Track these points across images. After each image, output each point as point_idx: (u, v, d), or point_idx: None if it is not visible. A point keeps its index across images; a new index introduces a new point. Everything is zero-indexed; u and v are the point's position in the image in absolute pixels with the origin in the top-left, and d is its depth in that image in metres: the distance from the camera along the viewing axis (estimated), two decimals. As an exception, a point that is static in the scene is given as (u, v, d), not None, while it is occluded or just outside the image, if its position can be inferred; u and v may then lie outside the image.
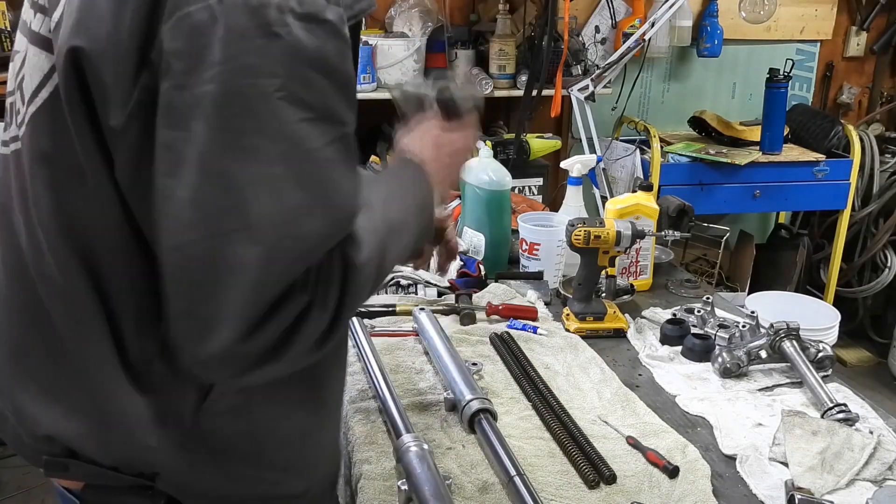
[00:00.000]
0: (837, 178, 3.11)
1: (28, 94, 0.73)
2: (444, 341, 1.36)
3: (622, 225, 1.47)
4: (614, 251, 1.48)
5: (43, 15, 0.73)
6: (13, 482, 2.65)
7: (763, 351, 1.37)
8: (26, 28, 0.77)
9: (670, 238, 1.56)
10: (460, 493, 1.04)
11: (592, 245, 1.46)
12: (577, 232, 1.46)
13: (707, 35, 3.28)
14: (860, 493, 1.06)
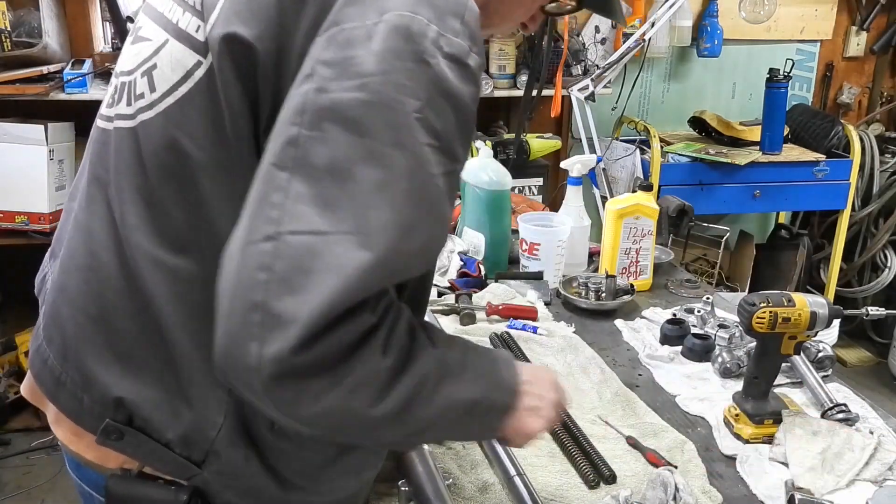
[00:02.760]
0: (837, 178, 3.11)
1: (163, 86, 0.77)
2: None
3: (816, 303, 1.17)
4: (804, 336, 1.19)
5: (197, 19, 0.76)
6: (13, 482, 2.65)
7: (763, 351, 1.36)
8: (167, 21, 0.80)
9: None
10: (460, 493, 1.04)
11: (779, 330, 1.16)
12: (761, 314, 1.14)
13: (707, 35, 3.28)
14: (860, 494, 1.06)
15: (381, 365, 0.66)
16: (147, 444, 0.82)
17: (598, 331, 1.58)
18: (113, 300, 0.82)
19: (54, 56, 2.77)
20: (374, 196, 0.64)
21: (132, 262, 0.80)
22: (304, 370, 0.63)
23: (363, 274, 0.63)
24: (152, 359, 0.82)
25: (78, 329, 0.85)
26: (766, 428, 1.18)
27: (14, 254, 2.82)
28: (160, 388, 0.81)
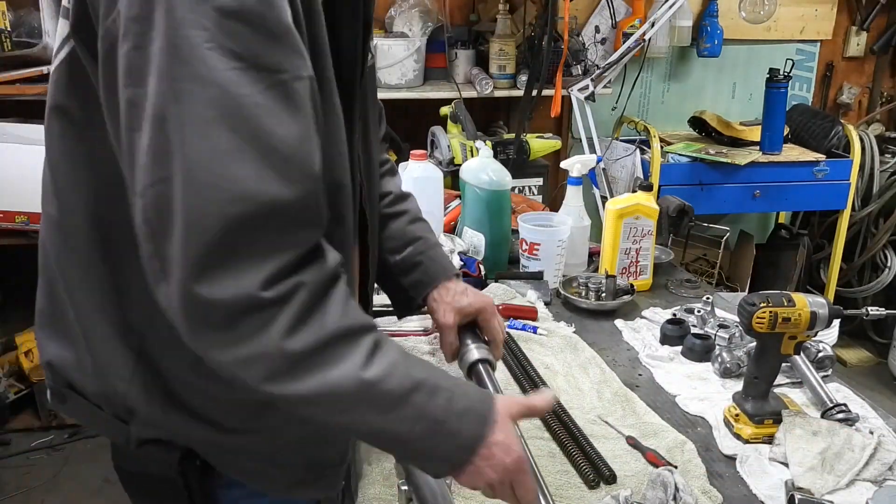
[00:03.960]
0: (837, 178, 3.11)
1: (54, 58, 0.82)
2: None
3: (816, 303, 1.17)
4: (804, 336, 1.19)
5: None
6: (13, 482, 2.65)
7: (763, 351, 1.36)
8: (61, 8, 0.83)
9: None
10: (460, 493, 1.04)
11: (779, 329, 1.17)
12: (761, 314, 1.15)
13: (707, 35, 3.28)
14: (860, 494, 1.06)
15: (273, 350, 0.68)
16: (83, 406, 0.88)
17: (598, 331, 1.58)
18: (40, 270, 0.90)
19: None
20: (185, 131, 0.65)
21: (40, 226, 0.89)
22: (202, 312, 0.67)
23: (202, 208, 0.65)
24: (63, 319, 0.87)
25: (37, 303, 0.93)
26: (766, 428, 1.18)
27: (14, 254, 2.82)
28: (73, 347, 0.87)
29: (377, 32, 2.98)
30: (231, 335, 0.68)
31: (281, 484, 0.93)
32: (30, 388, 2.91)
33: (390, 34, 2.93)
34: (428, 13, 2.96)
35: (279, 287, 0.68)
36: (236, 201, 0.65)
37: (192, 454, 0.88)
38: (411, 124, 2.90)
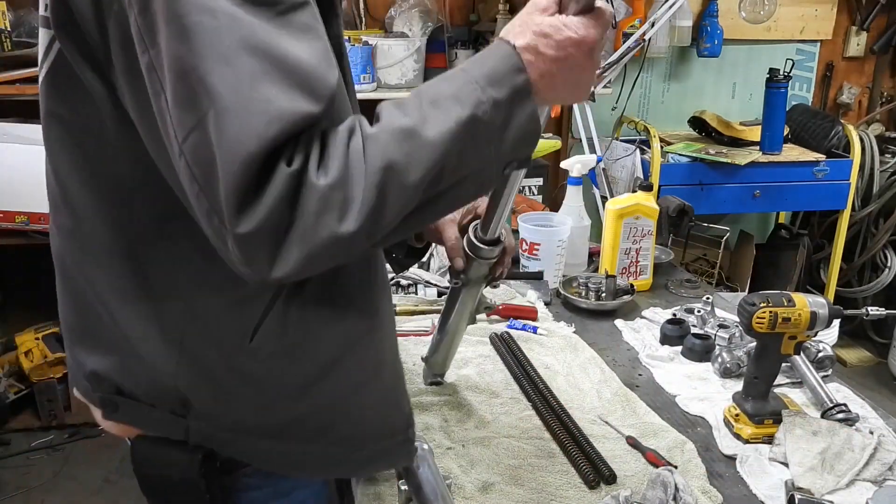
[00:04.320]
0: (837, 178, 3.11)
1: (39, 68, 0.81)
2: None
3: (816, 303, 1.17)
4: (804, 336, 1.19)
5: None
6: (13, 482, 2.65)
7: (763, 351, 1.36)
8: (40, 18, 0.82)
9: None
10: (460, 493, 1.05)
11: (779, 329, 1.17)
12: (761, 314, 1.15)
13: (707, 35, 3.28)
14: (860, 494, 1.06)
15: (327, 197, 0.65)
16: (137, 409, 0.88)
17: (598, 331, 1.58)
18: (61, 285, 0.91)
19: (54, 56, 2.77)
20: (205, 64, 0.64)
21: (53, 239, 0.89)
22: (260, 237, 0.64)
23: (240, 135, 0.63)
24: (98, 328, 0.87)
25: (62, 320, 0.93)
26: (766, 428, 1.18)
27: (14, 254, 2.82)
28: (115, 353, 0.86)
29: (377, 32, 2.97)
30: (288, 230, 0.65)
31: (342, 464, 0.93)
32: (30, 388, 2.91)
33: (390, 34, 2.93)
34: (428, 13, 2.95)
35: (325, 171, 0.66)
36: (273, 122, 0.63)
37: (214, 455, 0.88)
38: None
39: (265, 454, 0.90)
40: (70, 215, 0.84)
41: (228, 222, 0.64)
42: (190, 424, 0.87)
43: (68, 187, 0.83)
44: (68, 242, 0.87)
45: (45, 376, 2.88)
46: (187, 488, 0.89)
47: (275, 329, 0.82)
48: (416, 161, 0.67)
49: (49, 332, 2.92)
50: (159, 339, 0.84)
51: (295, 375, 0.86)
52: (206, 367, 0.84)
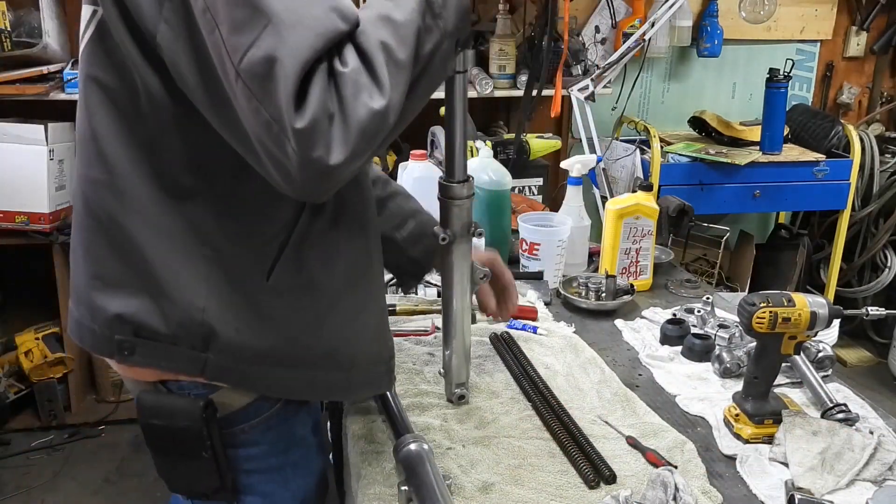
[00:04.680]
0: (837, 178, 3.11)
1: (80, 40, 0.93)
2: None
3: (816, 303, 1.17)
4: (804, 336, 1.19)
5: None
6: (13, 482, 2.65)
7: (763, 351, 1.36)
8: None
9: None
10: (460, 493, 1.05)
11: (779, 329, 1.16)
12: (761, 314, 1.15)
13: (707, 35, 3.28)
14: (860, 494, 1.05)
15: (356, 80, 0.76)
16: (156, 349, 0.96)
17: (598, 331, 1.58)
18: (88, 234, 0.98)
19: (54, 56, 2.78)
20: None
21: (84, 192, 0.96)
22: (316, 127, 0.74)
23: (296, 46, 0.74)
24: (128, 270, 0.95)
25: (78, 272, 1.00)
26: (766, 428, 1.18)
27: (14, 254, 2.83)
28: (143, 293, 0.94)
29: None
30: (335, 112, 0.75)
31: (341, 388, 1.07)
32: (30, 388, 2.91)
33: (390, 34, 2.93)
34: (428, 13, 2.95)
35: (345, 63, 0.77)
36: (321, 35, 0.75)
37: (213, 406, 0.98)
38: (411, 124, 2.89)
39: (277, 382, 1.00)
40: (105, 170, 0.93)
41: (288, 122, 0.73)
42: (209, 358, 0.95)
43: (104, 144, 0.92)
44: (104, 194, 0.94)
45: (45, 376, 2.88)
46: (190, 435, 0.98)
47: (288, 269, 0.95)
48: (400, 39, 0.79)
49: (49, 332, 2.92)
50: (189, 281, 0.93)
51: (309, 308, 0.98)
52: (232, 304, 0.95)
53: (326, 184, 0.79)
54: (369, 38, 0.78)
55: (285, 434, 1.07)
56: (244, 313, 0.95)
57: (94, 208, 0.96)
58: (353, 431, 1.20)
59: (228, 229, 0.93)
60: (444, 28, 0.84)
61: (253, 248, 0.94)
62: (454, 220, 1.13)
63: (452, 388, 1.25)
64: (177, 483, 1.06)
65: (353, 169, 0.79)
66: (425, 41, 0.82)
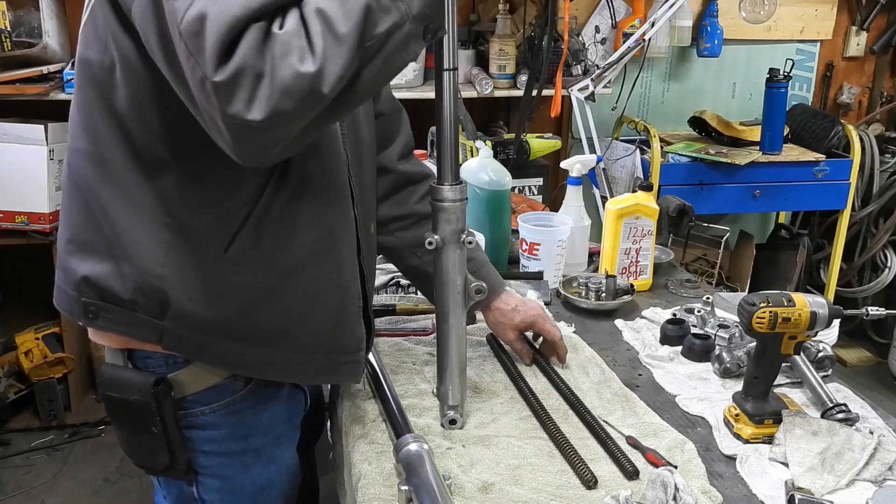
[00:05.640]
0: (837, 178, 3.11)
1: (82, 23, 0.98)
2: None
3: (816, 303, 1.17)
4: (804, 336, 1.19)
5: None
6: (13, 482, 2.65)
7: (763, 351, 1.36)
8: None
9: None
10: (460, 493, 1.04)
11: (779, 329, 1.16)
12: (761, 314, 1.14)
13: (707, 35, 3.28)
14: (860, 494, 1.05)
15: (284, 36, 0.77)
16: (118, 314, 1.01)
17: (598, 331, 1.58)
18: (68, 201, 1.04)
19: (54, 56, 2.77)
20: None
21: (70, 162, 1.03)
22: (237, 81, 0.76)
23: (230, 2, 0.76)
24: (98, 237, 1.00)
25: (60, 238, 1.06)
26: (766, 428, 1.18)
27: (14, 254, 2.82)
28: (108, 257, 1.00)
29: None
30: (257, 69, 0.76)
31: (296, 370, 1.10)
32: (30, 388, 2.91)
33: (390, 34, 2.92)
34: (428, 13, 2.95)
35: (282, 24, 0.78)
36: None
37: (166, 383, 1.03)
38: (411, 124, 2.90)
39: (231, 356, 1.04)
40: (89, 140, 0.99)
41: (211, 73, 0.75)
42: (165, 325, 1.00)
43: (88, 116, 0.98)
44: (85, 163, 1.00)
45: (45, 376, 2.87)
46: (141, 408, 1.03)
47: (248, 242, 0.99)
48: (344, 13, 0.78)
49: (49, 332, 2.92)
50: (150, 246, 0.98)
51: (261, 283, 1.02)
52: (188, 271, 0.99)
53: (254, 142, 0.80)
54: (311, 6, 0.79)
55: (248, 421, 1.11)
56: (200, 282, 0.99)
57: (75, 177, 1.02)
58: (353, 431, 1.20)
59: (192, 201, 0.97)
60: (406, 11, 0.83)
61: (215, 219, 0.98)
62: (444, 225, 1.08)
63: (445, 409, 1.20)
64: (136, 457, 1.11)
65: (279, 131, 0.79)
66: (379, 20, 0.80)
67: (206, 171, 0.96)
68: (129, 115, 0.95)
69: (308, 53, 0.77)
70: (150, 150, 0.96)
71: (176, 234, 0.98)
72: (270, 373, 1.10)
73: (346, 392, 1.31)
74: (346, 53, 0.79)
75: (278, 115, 0.77)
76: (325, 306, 1.08)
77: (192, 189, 0.97)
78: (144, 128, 0.96)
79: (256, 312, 1.03)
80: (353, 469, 1.13)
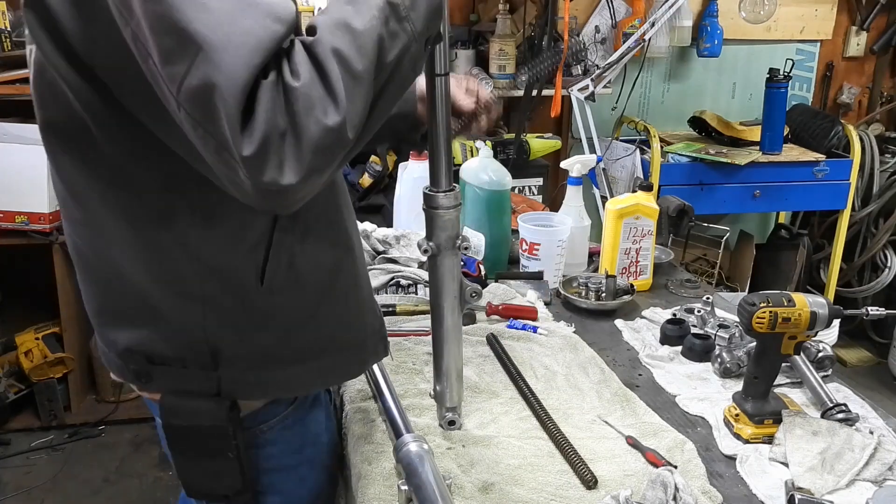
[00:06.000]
0: (837, 178, 3.11)
1: (31, 84, 0.89)
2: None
3: (816, 303, 1.17)
4: (804, 336, 1.19)
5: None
6: (13, 482, 2.65)
7: (763, 351, 1.36)
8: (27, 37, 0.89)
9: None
10: (460, 493, 1.04)
11: (779, 329, 1.17)
12: (761, 314, 1.15)
13: (707, 35, 3.28)
14: (860, 494, 1.05)
15: (310, 93, 0.71)
16: (171, 373, 0.97)
17: (598, 331, 1.58)
18: (81, 274, 1.00)
19: (54, 56, 2.77)
20: (189, 13, 0.69)
21: (68, 233, 0.98)
22: (265, 149, 0.70)
23: (232, 66, 0.69)
24: (127, 306, 0.96)
25: (87, 306, 1.02)
26: (766, 428, 1.18)
27: (14, 254, 2.83)
28: (144, 323, 0.96)
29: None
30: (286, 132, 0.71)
31: (338, 370, 1.08)
32: (30, 388, 2.91)
33: (390, 34, 2.92)
34: (428, 13, 2.95)
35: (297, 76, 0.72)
36: (257, 50, 0.70)
37: (238, 406, 0.99)
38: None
39: (289, 382, 1.02)
40: (80, 208, 0.93)
41: (236, 148, 0.70)
42: (221, 375, 0.97)
43: (73, 185, 0.91)
44: (84, 232, 0.95)
45: (45, 376, 2.88)
46: (216, 435, 0.98)
47: (279, 266, 0.94)
48: (358, 49, 0.74)
49: (49, 332, 2.92)
50: (183, 301, 0.94)
51: (305, 300, 0.99)
52: (229, 313, 0.95)
53: (286, 201, 0.75)
54: (325, 47, 0.73)
55: (300, 432, 1.09)
56: (244, 320, 0.96)
57: (80, 250, 0.97)
58: (353, 431, 1.20)
59: (213, 241, 0.91)
60: (413, 31, 0.80)
61: (240, 255, 0.93)
62: (439, 232, 1.07)
63: (443, 411, 1.20)
64: (198, 486, 1.05)
65: (313, 185, 0.75)
66: (389, 48, 0.77)
67: (217, 210, 0.90)
68: (119, 175, 0.87)
69: (331, 104, 0.72)
70: (152, 206, 0.89)
71: (206, 279, 0.93)
72: (329, 381, 1.10)
73: (347, 392, 1.31)
74: (365, 93, 0.75)
75: (313, 173, 0.73)
76: (355, 301, 1.07)
77: (209, 230, 0.91)
78: (140, 185, 0.88)
79: (306, 329, 1.00)
80: (353, 469, 1.13)
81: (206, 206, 0.89)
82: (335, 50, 0.73)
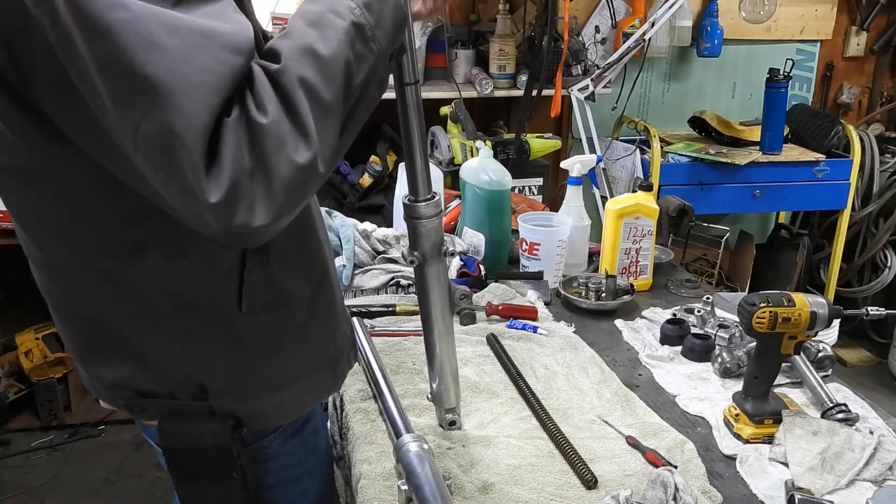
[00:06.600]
0: (837, 178, 3.11)
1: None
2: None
3: (816, 303, 1.17)
4: (804, 336, 1.19)
5: None
6: (13, 482, 2.65)
7: (763, 351, 1.36)
8: None
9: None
10: (460, 493, 1.05)
11: (779, 329, 1.17)
12: (761, 314, 1.15)
13: (707, 35, 3.28)
14: (860, 494, 1.06)
15: (277, 127, 0.68)
16: (163, 405, 0.94)
17: (598, 331, 1.58)
18: (55, 313, 0.96)
19: (54, 56, 2.77)
20: (139, 55, 0.64)
21: (36, 276, 0.95)
22: (234, 192, 0.66)
23: (191, 109, 0.64)
24: (107, 342, 0.92)
25: (66, 344, 0.99)
26: (766, 428, 1.18)
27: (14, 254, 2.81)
28: (127, 360, 0.92)
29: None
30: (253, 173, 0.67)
31: (329, 385, 1.06)
32: (30, 388, 2.91)
33: (390, 34, 2.92)
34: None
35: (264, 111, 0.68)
36: (215, 92, 0.65)
37: (240, 424, 0.95)
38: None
39: (285, 406, 1.00)
40: (40, 250, 0.89)
41: (202, 196, 0.65)
42: (213, 405, 0.94)
43: (29, 227, 0.88)
44: (48, 273, 0.91)
45: (45, 376, 2.88)
46: (220, 455, 0.95)
47: (256, 290, 0.90)
48: (326, 77, 0.71)
49: (49, 331, 2.92)
50: (162, 337, 0.90)
51: (289, 319, 0.95)
52: (212, 344, 0.91)
53: (257, 240, 0.71)
54: (291, 77, 0.69)
55: (299, 444, 1.08)
56: (229, 349, 0.92)
57: (48, 288, 0.93)
58: (354, 431, 1.20)
59: (186, 272, 0.86)
60: (379, 50, 0.77)
61: (216, 281, 0.88)
62: (423, 241, 1.05)
63: (443, 412, 1.20)
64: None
65: (285, 222, 0.72)
66: (357, 72, 0.75)
67: (185, 241, 0.84)
68: (78, 212, 0.82)
69: (301, 140, 0.69)
70: (116, 246, 0.84)
71: (183, 313, 0.88)
72: (321, 397, 1.07)
73: (347, 392, 1.31)
74: (334, 123, 0.72)
75: (285, 212, 0.70)
76: (337, 312, 1.05)
77: (179, 260, 0.86)
78: (101, 227, 0.83)
79: (295, 344, 0.97)
80: (354, 469, 1.13)
81: (174, 237, 0.83)
82: (302, 80, 0.69)
